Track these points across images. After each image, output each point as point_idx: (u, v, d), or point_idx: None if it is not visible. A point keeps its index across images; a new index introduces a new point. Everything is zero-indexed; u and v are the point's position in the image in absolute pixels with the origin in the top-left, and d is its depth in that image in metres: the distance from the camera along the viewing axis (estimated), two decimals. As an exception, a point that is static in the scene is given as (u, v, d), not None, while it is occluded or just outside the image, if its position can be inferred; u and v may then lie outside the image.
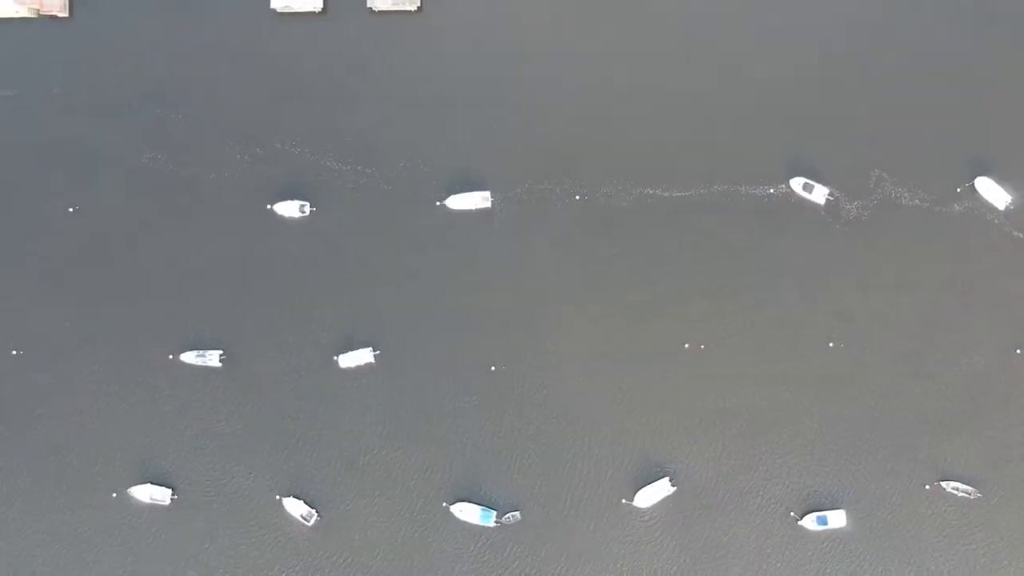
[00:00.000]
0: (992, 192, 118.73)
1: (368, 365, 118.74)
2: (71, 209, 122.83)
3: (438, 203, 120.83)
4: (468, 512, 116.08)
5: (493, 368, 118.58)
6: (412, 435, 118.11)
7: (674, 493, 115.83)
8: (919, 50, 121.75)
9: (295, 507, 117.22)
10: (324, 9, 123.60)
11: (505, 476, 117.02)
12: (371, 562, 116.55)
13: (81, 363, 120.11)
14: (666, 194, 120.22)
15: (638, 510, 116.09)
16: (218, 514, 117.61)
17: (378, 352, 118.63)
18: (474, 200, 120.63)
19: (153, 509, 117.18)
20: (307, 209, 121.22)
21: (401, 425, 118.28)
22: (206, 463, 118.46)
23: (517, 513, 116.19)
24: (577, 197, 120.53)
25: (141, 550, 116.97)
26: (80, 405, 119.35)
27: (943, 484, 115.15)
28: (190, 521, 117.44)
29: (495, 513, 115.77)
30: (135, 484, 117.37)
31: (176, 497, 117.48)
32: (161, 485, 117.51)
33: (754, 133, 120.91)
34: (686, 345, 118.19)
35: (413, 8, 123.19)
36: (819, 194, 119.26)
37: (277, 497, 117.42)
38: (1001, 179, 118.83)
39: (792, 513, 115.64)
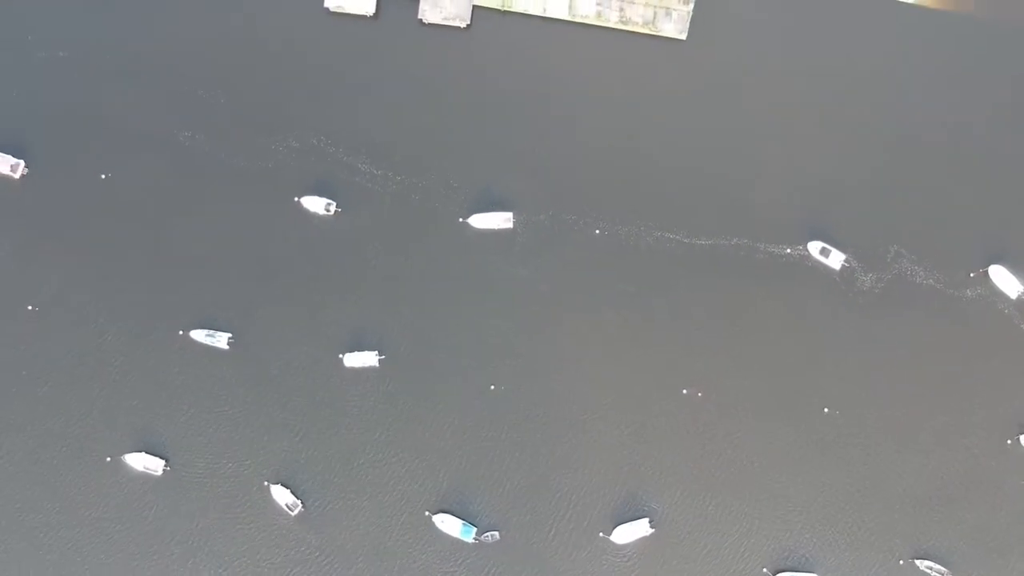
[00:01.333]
0: (1005, 281, 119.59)
1: (372, 368, 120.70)
2: (103, 176, 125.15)
3: (461, 220, 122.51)
4: (449, 524, 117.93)
5: (492, 387, 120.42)
6: (405, 442, 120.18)
7: (652, 534, 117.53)
8: (952, 135, 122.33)
9: (282, 495, 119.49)
10: (375, 14, 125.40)
11: (491, 495, 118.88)
12: (346, 560, 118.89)
13: (93, 327, 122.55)
14: (686, 240, 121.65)
15: (614, 545, 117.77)
16: (206, 491, 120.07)
17: (383, 357, 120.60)
18: (497, 220, 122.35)
19: (144, 478, 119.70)
20: (332, 208, 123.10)
21: (396, 431, 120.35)
22: (202, 440, 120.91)
23: (496, 533, 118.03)
24: (597, 231, 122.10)
25: (127, 518, 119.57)
26: (87, 367, 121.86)
27: (918, 562, 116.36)
28: (178, 495, 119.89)
29: (475, 530, 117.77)
30: (130, 452, 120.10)
31: (168, 469, 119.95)
32: (155, 456, 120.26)
33: (780, 193, 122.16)
34: (684, 390, 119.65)
35: (462, 25, 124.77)
36: (835, 259, 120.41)
37: (265, 483, 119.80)
38: (1015, 269, 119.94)
39: (765, 569, 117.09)
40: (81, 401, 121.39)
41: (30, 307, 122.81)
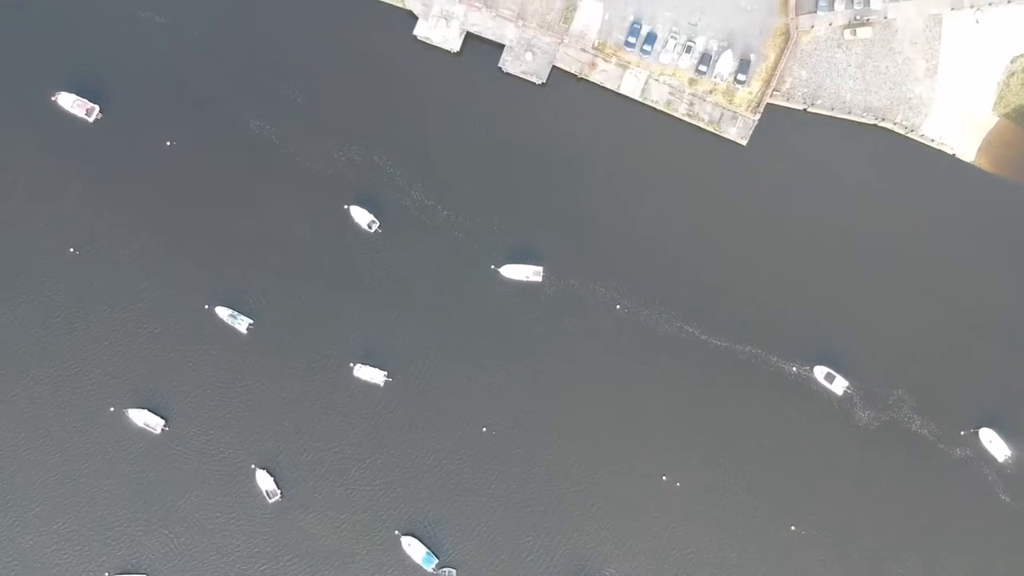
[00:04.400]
0: (994, 445, 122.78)
1: (377, 386, 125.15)
2: (168, 143, 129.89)
3: (493, 266, 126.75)
4: (414, 548, 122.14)
5: (485, 429, 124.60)
6: (393, 460, 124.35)
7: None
8: (978, 295, 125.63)
9: (264, 480, 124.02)
10: (459, 52, 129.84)
11: (460, 531, 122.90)
12: (308, 557, 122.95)
13: (129, 281, 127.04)
14: (703, 337, 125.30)
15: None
16: (196, 460, 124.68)
17: (390, 380, 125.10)
18: (527, 272, 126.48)
19: (142, 436, 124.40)
20: (376, 226, 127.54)
21: (387, 449, 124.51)
22: (203, 412, 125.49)
23: (454, 571, 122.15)
24: (618, 307, 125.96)
25: (117, 472, 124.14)
26: (112, 317, 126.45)
27: None
28: (170, 459, 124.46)
29: (436, 561, 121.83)
30: (134, 407, 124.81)
31: (167, 430, 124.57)
32: (157, 415, 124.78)
33: (801, 313, 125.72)
34: (664, 477, 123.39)
35: (538, 82, 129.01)
36: (838, 387, 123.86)
37: (252, 466, 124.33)
38: (1006, 434, 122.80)
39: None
40: (100, 349, 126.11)
41: (72, 249, 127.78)
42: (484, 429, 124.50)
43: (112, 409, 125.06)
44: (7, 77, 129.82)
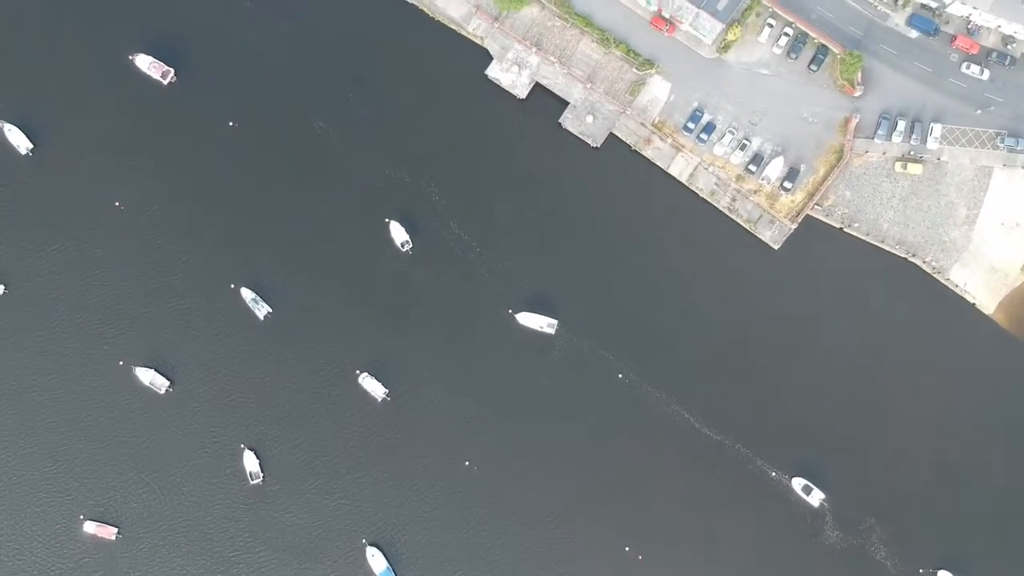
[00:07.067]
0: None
1: (375, 400, 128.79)
2: (232, 123, 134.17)
3: (510, 310, 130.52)
4: (377, 560, 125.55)
5: (468, 463, 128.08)
6: (375, 473, 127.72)
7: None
8: (970, 443, 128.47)
9: (250, 461, 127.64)
10: (525, 99, 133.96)
11: (424, 556, 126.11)
12: (275, 545, 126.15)
13: (163, 246, 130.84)
14: (696, 425, 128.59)
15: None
16: (190, 427, 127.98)
17: (388, 399, 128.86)
18: (541, 322, 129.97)
19: (146, 392, 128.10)
20: (408, 246, 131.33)
21: (371, 459, 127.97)
22: (208, 385, 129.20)
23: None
24: (621, 376, 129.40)
25: (114, 424, 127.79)
26: (140, 277, 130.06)
27: None
28: (166, 421, 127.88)
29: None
30: (143, 366, 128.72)
31: (171, 391, 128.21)
32: (164, 376, 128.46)
33: (796, 423, 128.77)
34: (627, 548, 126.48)
35: (593, 144, 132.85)
36: (815, 499, 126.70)
37: (241, 445, 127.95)
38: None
39: None
40: (121, 304, 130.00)
41: (118, 204, 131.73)
42: (467, 463, 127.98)
43: (121, 363, 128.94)
44: (93, 32, 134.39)
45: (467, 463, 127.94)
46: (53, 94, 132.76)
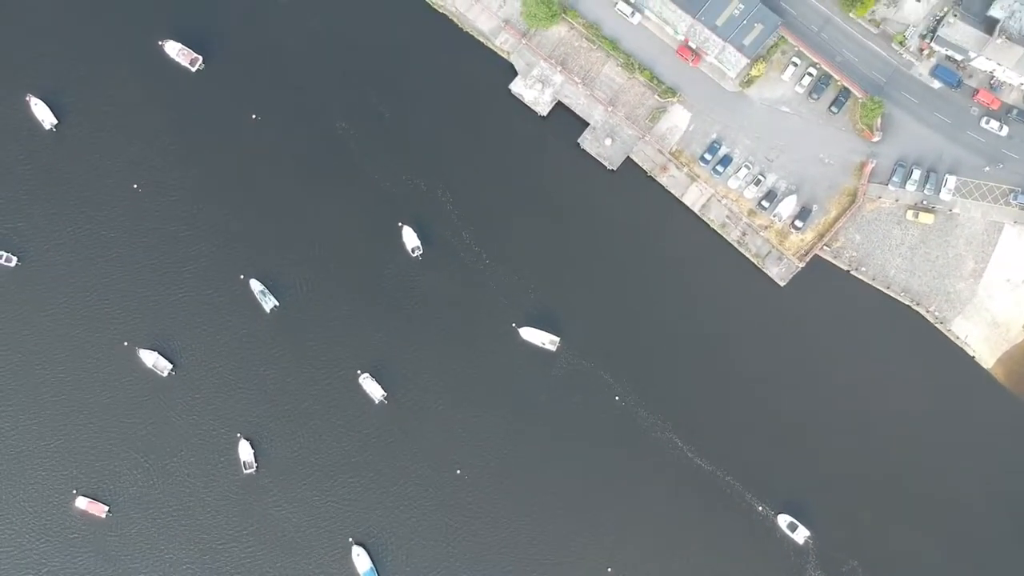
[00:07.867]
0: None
1: (373, 401, 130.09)
2: (255, 116, 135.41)
3: (514, 324, 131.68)
4: (362, 560, 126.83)
5: (459, 472, 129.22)
6: (366, 472, 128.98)
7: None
8: (955, 496, 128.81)
9: (245, 451, 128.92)
10: (546, 117, 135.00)
11: (408, 558, 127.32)
12: (262, 535, 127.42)
13: (176, 231, 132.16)
14: (689, 455, 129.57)
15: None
16: (188, 411, 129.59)
17: (386, 401, 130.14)
18: (544, 339, 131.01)
19: (148, 374, 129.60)
20: (418, 252, 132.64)
21: (364, 459, 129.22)
22: (209, 373, 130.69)
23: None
24: (617, 398, 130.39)
25: (114, 403, 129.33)
26: (151, 260, 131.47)
27: None
28: (165, 404, 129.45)
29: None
30: (147, 348, 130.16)
31: (173, 375, 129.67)
32: (167, 359, 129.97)
33: (789, 461, 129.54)
34: (609, 569, 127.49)
35: (609, 167, 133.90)
36: (800, 536, 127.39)
37: (238, 435, 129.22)
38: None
39: None
40: (130, 286, 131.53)
41: (135, 186, 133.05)
42: (458, 471, 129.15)
43: (126, 344, 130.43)
44: (125, 15, 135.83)
45: (458, 471, 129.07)
46: (82, 72, 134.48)
